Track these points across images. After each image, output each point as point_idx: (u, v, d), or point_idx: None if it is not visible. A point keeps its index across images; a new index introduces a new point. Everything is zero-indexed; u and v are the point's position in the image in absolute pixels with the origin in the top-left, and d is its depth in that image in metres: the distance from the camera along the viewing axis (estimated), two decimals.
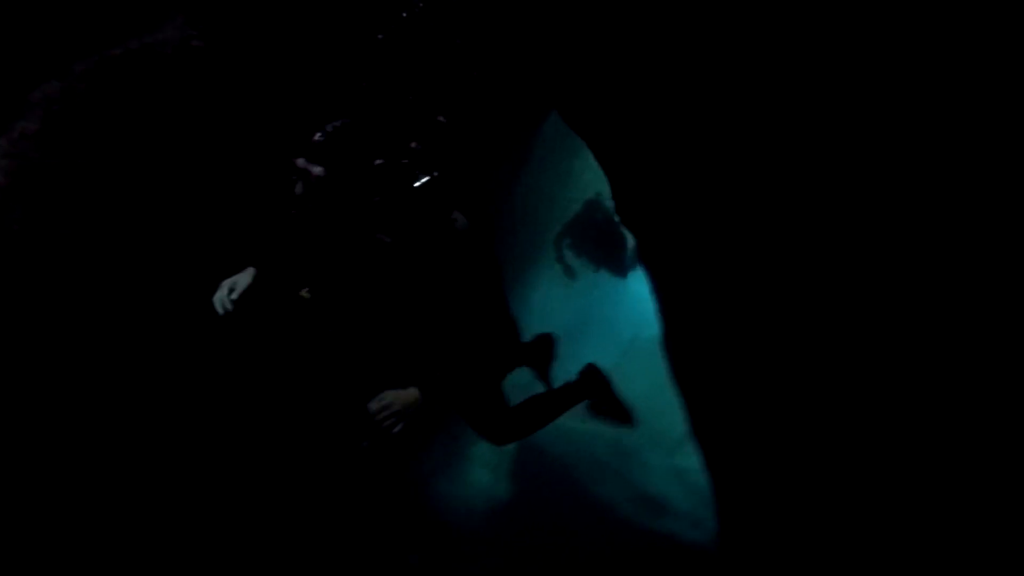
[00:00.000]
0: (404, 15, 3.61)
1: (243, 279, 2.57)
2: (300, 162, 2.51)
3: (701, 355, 3.64)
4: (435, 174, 2.53)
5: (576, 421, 8.29)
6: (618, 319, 11.50)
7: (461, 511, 6.76)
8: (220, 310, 2.52)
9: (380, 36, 3.60)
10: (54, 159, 3.22)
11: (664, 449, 7.75)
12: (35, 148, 3.21)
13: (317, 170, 2.49)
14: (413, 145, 2.61)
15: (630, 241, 8.36)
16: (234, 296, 2.51)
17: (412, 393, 2.47)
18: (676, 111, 2.92)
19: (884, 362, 2.47)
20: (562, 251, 9.11)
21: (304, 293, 2.63)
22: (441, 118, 2.95)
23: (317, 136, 2.53)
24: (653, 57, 2.87)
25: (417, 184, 2.50)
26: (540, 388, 3.27)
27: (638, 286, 11.42)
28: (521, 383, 3.23)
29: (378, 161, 2.52)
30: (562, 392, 3.25)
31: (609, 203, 8.73)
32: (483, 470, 7.49)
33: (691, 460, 7.27)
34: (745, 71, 2.57)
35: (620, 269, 9.56)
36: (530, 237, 7.42)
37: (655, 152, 3.12)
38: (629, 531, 5.95)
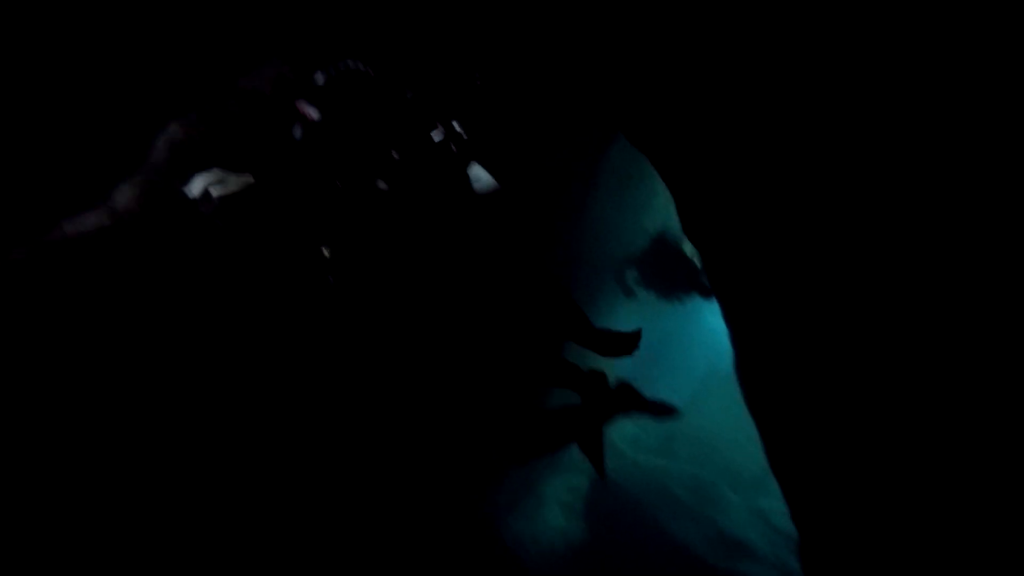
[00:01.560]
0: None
1: (234, 179, 2.23)
2: (300, 104, 2.26)
3: (777, 385, 3.52)
4: (453, 127, 2.28)
5: (652, 457, 8.14)
6: (693, 351, 11.25)
7: (535, 550, 6.69)
8: (194, 195, 2.17)
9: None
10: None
11: (744, 488, 7.48)
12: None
13: (313, 113, 2.23)
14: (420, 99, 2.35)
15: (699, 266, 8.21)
16: (219, 192, 2.16)
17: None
18: (736, 125, 2.90)
19: (985, 395, 2.35)
20: (626, 283, 9.01)
21: (325, 252, 2.34)
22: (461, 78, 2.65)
23: (319, 77, 2.27)
24: (719, 73, 2.87)
25: (433, 137, 2.23)
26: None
27: (712, 317, 11.18)
28: None
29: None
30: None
31: (676, 234, 8.60)
32: (556, 508, 7.41)
33: (773, 500, 6.99)
34: (833, 86, 2.54)
35: (699, 291, 9.30)
36: (595, 267, 7.39)
37: (723, 169, 3.09)
38: (707, 571, 5.75)
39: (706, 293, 9.11)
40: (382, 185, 2.25)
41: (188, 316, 3.27)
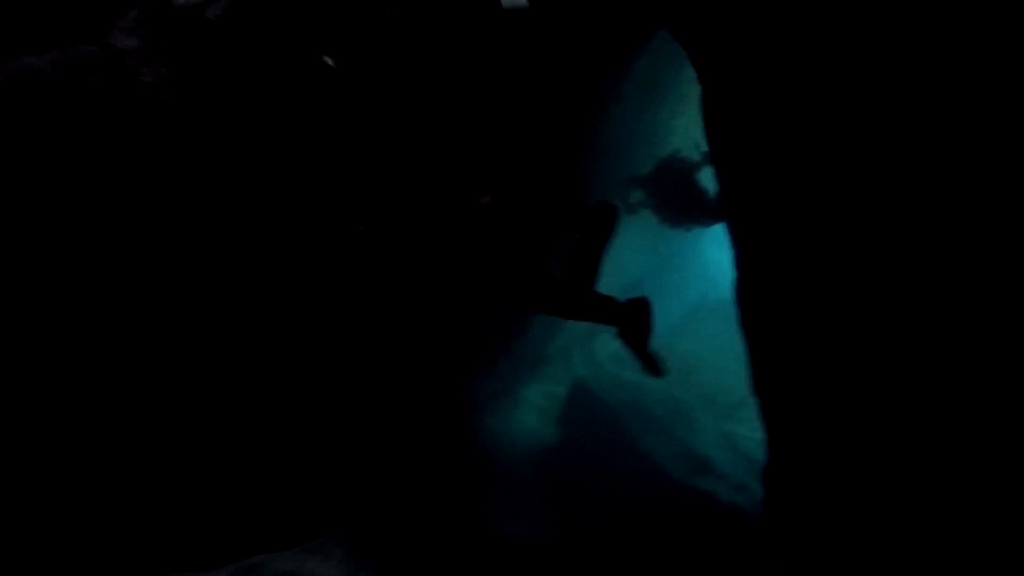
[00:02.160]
0: None
1: None
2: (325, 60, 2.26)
3: (774, 310, 3.51)
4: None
5: (633, 374, 8.28)
6: (687, 279, 11.26)
7: (507, 448, 6.88)
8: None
9: None
10: None
11: (717, 412, 7.65)
12: None
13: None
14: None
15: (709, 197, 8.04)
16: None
17: None
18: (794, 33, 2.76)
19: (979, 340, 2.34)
20: (629, 202, 8.84)
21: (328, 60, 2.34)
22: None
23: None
24: None
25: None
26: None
27: (710, 247, 11.14)
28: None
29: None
30: (604, 301, 3.18)
31: (690, 159, 8.38)
32: (533, 412, 7.58)
33: (742, 426, 7.18)
34: None
35: (703, 221, 9.15)
36: (606, 181, 7.27)
37: (766, 75, 2.96)
38: (672, 485, 5.95)
39: (709, 222, 9.01)
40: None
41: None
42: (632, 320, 3.24)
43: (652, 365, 3.38)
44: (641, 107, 7.12)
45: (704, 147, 6.46)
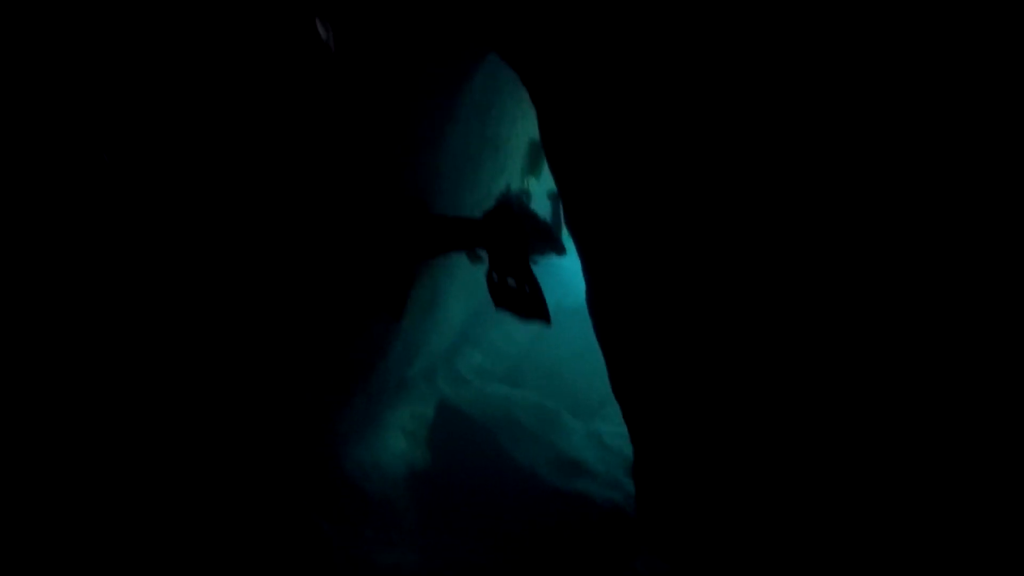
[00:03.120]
0: None
1: None
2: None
3: (625, 319, 3.61)
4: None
5: (498, 385, 8.25)
6: (541, 286, 11.48)
7: (376, 477, 6.63)
8: None
9: None
10: None
11: (583, 414, 7.83)
12: None
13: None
14: None
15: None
16: None
17: None
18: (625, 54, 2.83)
19: (795, 326, 2.49)
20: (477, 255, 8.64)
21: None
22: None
23: None
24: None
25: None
26: None
27: (560, 257, 11.43)
28: None
29: None
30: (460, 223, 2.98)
31: (522, 192, 8.24)
32: (399, 435, 7.37)
33: (608, 425, 7.40)
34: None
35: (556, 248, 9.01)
36: (455, 208, 7.20)
37: (600, 96, 3.02)
38: (547, 491, 5.99)
39: (558, 250, 8.81)
40: None
41: None
42: (497, 232, 3.01)
43: (537, 304, 3.11)
44: (479, 127, 7.15)
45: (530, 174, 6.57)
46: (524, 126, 8.05)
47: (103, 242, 3.13)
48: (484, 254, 3.15)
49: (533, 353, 9.34)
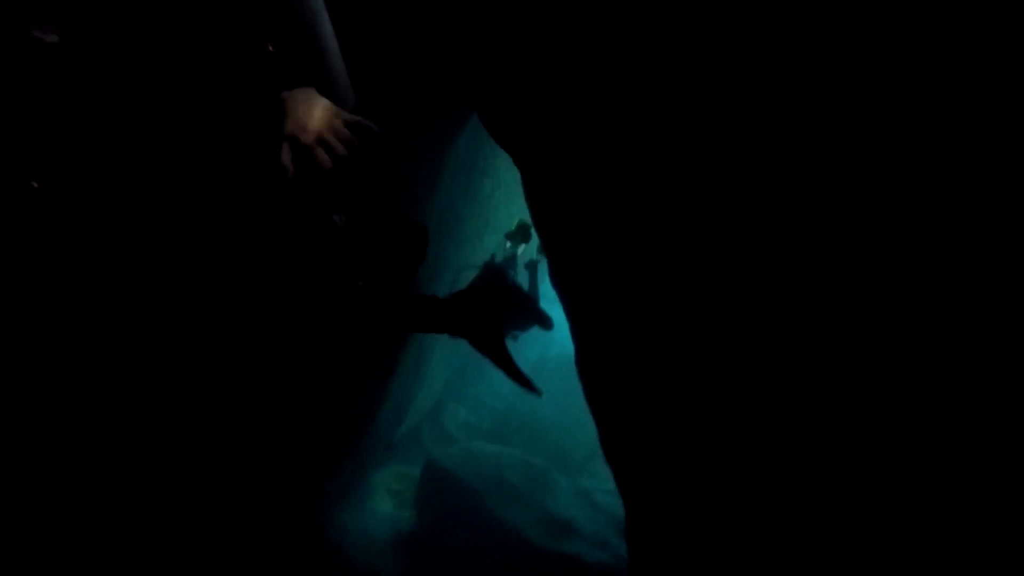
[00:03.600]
0: None
1: None
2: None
3: (615, 371, 3.62)
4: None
5: (484, 443, 8.17)
6: (523, 339, 11.50)
7: (362, 541, 6.49)
8: None
9: None
10: None
11: (571, 469, 7.77)
12: None
13: None
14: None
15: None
16: None
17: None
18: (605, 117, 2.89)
19: (790, 380, 2.51)
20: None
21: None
22: None
23: None
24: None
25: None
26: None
27: (543, 307, 11.47)
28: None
29: None
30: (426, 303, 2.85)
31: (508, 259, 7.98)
32: (385, 497, 7.25)
33: (595, 481, 7.33)
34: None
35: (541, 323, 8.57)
36: (443, 265, 7.24)
37: (583, 163, 3.08)
38: (536, 553, 5.88)
39: (544, 324, 8.38)
40: None
41: None
42: (467, 317, 2.90)
43: (518, 376, 3.02)
44: (464, 184, 7.26)
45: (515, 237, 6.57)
46: (507, 179, 8.18)
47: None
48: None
49: (519, 405, 9.29)
